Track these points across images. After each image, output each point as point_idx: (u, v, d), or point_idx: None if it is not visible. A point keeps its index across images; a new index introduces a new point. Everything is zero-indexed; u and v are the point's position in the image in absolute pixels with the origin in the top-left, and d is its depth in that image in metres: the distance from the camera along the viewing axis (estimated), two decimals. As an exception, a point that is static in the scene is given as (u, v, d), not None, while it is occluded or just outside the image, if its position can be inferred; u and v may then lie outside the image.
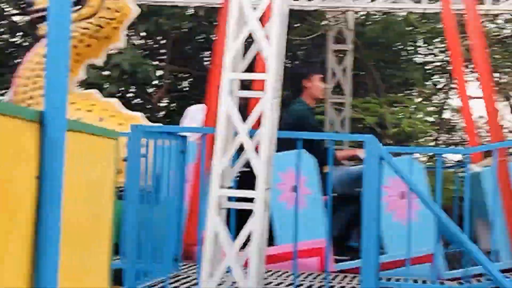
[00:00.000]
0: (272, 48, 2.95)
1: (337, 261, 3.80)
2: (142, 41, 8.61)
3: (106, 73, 6.82)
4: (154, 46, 8.80)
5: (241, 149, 2.90)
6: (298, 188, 3.26)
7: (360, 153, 4.03)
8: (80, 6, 4.56)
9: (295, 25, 7.23)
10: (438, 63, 9.28)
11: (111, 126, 4.00)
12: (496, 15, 6.77)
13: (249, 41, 3.05)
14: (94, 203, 1.73)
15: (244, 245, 2.82)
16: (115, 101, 4.91)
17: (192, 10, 7.43)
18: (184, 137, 3.36)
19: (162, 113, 8.78)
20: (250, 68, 3.17)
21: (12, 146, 1.12)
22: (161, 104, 8.80)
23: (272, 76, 2.94)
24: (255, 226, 2.84)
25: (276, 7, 2.98)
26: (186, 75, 9.03)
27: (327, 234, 3.34)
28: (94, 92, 4.93)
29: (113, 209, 1.85)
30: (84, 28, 4.59)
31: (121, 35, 4.77)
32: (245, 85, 3.19)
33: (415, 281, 3.47)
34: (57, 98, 1.26)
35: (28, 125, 1.18)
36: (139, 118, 4.74)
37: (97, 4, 4.61)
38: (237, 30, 3.00)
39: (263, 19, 3.03)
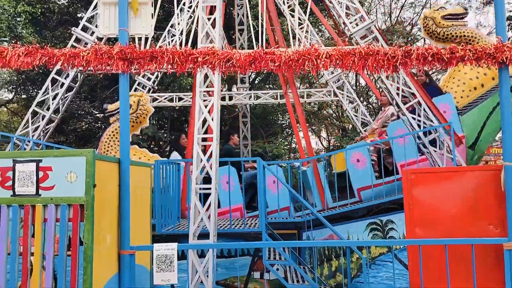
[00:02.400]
0: (214, 123, 6.92)
1: (248, 212, 7.73)
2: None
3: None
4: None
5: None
6: (229, 182, 7.20)
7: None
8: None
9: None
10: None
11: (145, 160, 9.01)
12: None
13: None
14: (142, 197, 4.54)
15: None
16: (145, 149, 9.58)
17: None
18: (179, 163, 7.13)
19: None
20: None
21: (109, 174, 3.54)
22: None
23: (215, 135, 6.86)
24: (211, 198, 6.58)
25: (215, 106, 7.00)
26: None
27: (243, 201, 7.30)
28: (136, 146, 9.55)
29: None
30: (130, 119, 9.41)
31: (147, 120, 9.34)
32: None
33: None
34: (124, 153, 3.95)
35: (114, 165, 3.81)
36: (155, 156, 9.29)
37: (136, 107, 9.07)
38: (198, 117, 6.94)
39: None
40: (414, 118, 7.56)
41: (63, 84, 8.83)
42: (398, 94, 7.52)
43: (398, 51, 3.45)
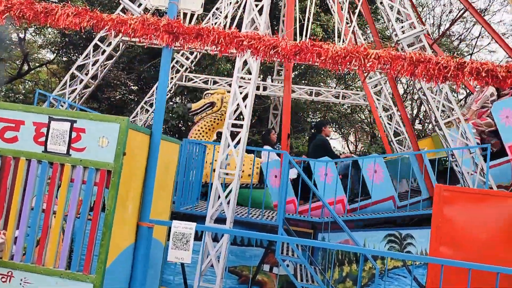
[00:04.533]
0: (247, 111, 6.87)
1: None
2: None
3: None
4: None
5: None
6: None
7: None
8: (211, 107, 9.05)
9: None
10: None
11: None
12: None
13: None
14: (167, 172, 4.57)
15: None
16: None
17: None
18: (205, 145, 7.14)
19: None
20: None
21: (140, 145, 3.69)
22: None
23: (246, 123, 6.82)
24: (234, 184, 6.54)
25: (250, 94, 6.95)
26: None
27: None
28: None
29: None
30: (215, 116, 9.11)
31: None
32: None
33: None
34: (157, 126, 3.95)
35: (146, 137, 3.86)
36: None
37: (220, 105, 9.08)
38: (232, 102, 6.91)
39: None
40: (450, 135, 7.32)
41: (104, 51, 8.95)
42: (438, 108, 7.29)
43: (451, 62, 3.30)
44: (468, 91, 18.02)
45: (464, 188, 6.36)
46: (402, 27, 7.68)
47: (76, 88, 9.09)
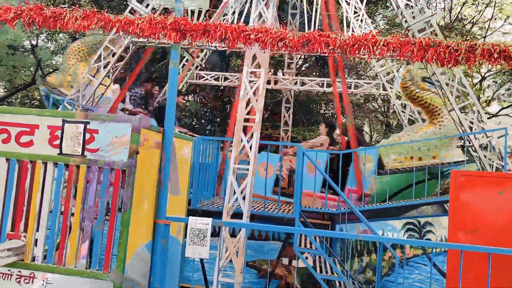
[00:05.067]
0: (258, 105, 6.88)
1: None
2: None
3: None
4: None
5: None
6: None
7: None
8: None
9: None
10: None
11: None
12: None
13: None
14: (181, 170, 4.63)
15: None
16: None
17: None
18: (219, 141, 7.17)
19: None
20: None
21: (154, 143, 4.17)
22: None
23: (258, 117, 6.83)
24: (248, 179, 6.57)
25: (260, 88, 6.94)
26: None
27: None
28: None
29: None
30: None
31: None
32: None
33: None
34: (169, 123, 3.97)
35: (158, 134, 3.83)
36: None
37: None
38: (244, 96, 6.91)
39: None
40: (466, 119, 7.20)
41: (114, 53, 9.04)
42: (451, 92, 7.17)
43: (462, 45, 3.24)
44: (484, 74, 17.71)
45: (481, 172, 6.27)
46: (412, 12, 7.57)
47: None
